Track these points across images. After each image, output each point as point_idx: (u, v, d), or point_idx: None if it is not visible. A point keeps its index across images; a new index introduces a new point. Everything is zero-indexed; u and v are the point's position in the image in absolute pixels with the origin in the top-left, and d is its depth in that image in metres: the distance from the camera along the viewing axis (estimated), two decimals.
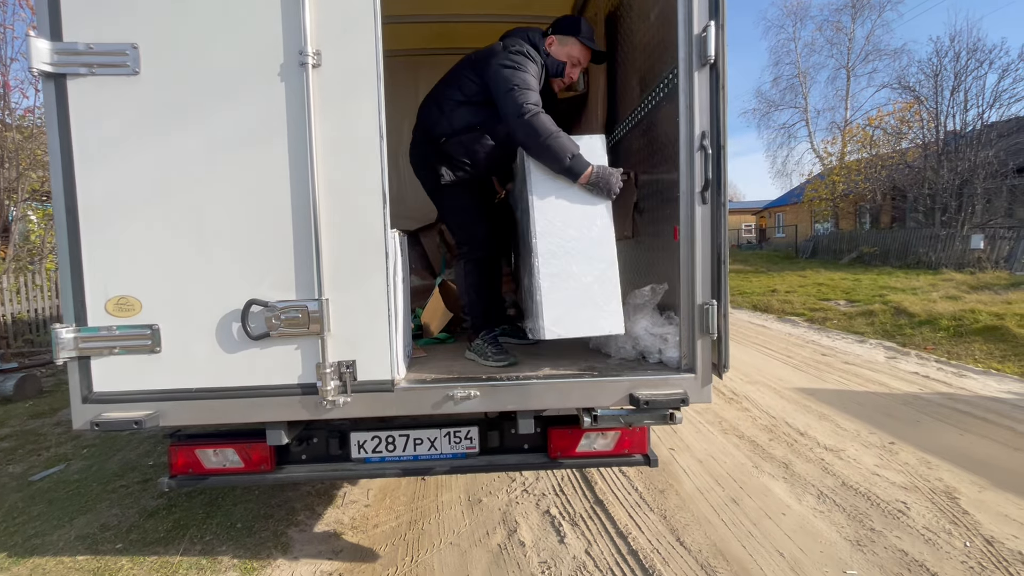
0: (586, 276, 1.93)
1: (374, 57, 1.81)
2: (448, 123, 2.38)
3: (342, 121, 1.81)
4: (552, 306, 1.90)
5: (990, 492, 2.99)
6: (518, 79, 2.15)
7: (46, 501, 3.18)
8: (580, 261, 1.94)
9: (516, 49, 2.23)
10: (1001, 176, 14.10)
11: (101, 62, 1.75)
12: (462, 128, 2.35)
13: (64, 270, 1.81)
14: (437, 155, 2.44)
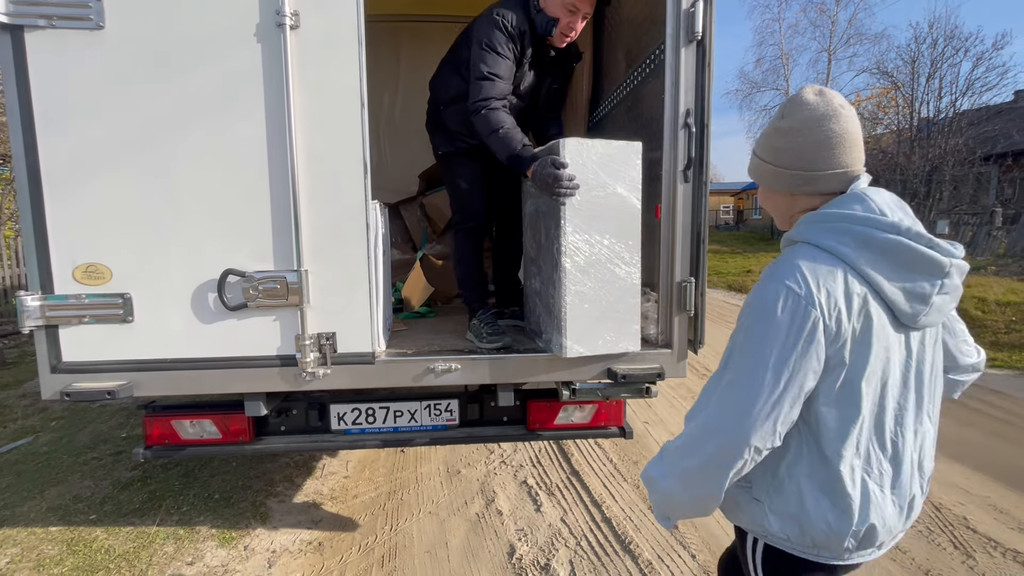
0: (609, 295, 1.84)
1: (355, 20, 1.75)
2: (445, 91, 2.30)
3: (322, 86, 1.76)
4: (575, 324, 1.82)
5: (941, 463, 3.18)
6: (486, 67, 2.01)
7: (14, 473, 3.11)
8: (606, 281, 1.83)
9: (497, 23, 2.05)
10: (969, 164, 14.53)
11: (61, 14, 1.65)
12: (457, 96, 2.24)
13: (28, 235, 1.73)
14: (435, 123, 2.38)
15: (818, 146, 0.93)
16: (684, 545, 2.41)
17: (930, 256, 0.86)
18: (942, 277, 0.87)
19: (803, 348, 0.84)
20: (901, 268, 0.86)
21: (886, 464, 0.91)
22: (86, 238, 1.75)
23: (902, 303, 0.86)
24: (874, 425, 0.90)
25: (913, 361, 0.92)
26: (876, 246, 0.86)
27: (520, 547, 2.41)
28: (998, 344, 5.75)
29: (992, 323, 6.27)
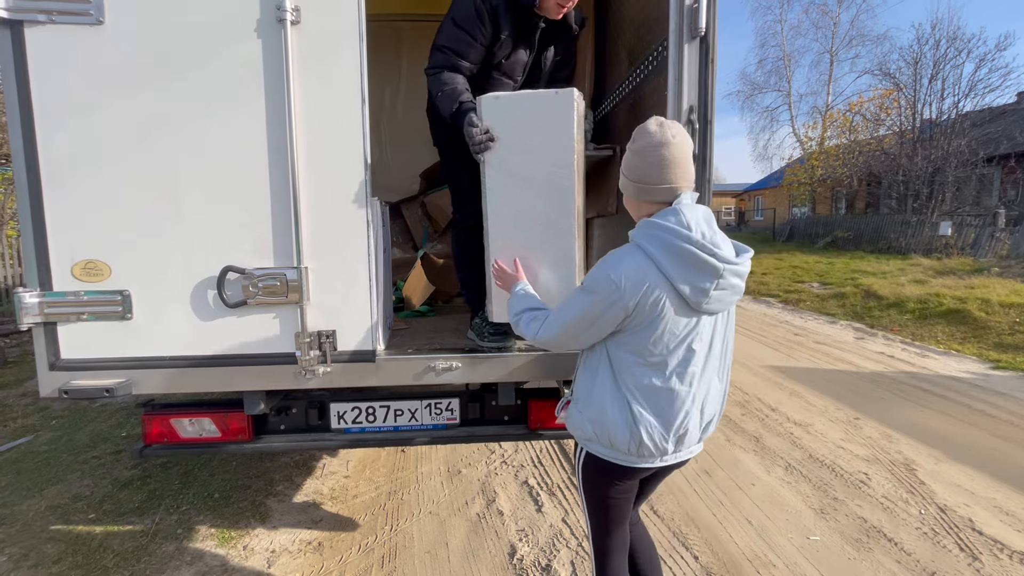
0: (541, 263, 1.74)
1: (357, 16, 1.74)
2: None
3: (322, 82, 1.74)
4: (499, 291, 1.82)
5: (945, 464, 3.16)
6: (441, 38, 1.95)
7: (14, 472, 3.10)
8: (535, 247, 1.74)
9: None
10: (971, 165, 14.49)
11: (62, 8, 1.64)
12: None
13: (27, 232, 1.72)
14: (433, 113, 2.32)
15: (653, 165, 1.25)
16: (687, 546, 2.39)
17: (710, 262, 1.19)
18: (717, 278, 1.20)
19: (604, 314, 1.24)
20: (690, 269, 1.19)
21: (663, 401, 1.27)
22: (85, 235, 1.74)
23: (689, 294, 1.20)
24: (659, 373, 1.26)
25: (702, 335, 1.27)
26: (675, 251, 1.19)
27: (521, 548, 2.39)
28: (1002, 346, 5.72)
29: (996, 324, 6.24)
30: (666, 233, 1.20)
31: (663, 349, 1.24)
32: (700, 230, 1.20)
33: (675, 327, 1.23)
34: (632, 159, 1.30)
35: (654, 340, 1.23)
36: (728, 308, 1.31)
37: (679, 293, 1.20)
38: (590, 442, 1.37)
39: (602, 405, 1.31)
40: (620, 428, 1.28)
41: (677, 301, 1.21)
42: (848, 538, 2.45)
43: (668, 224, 1.20)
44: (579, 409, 1.38)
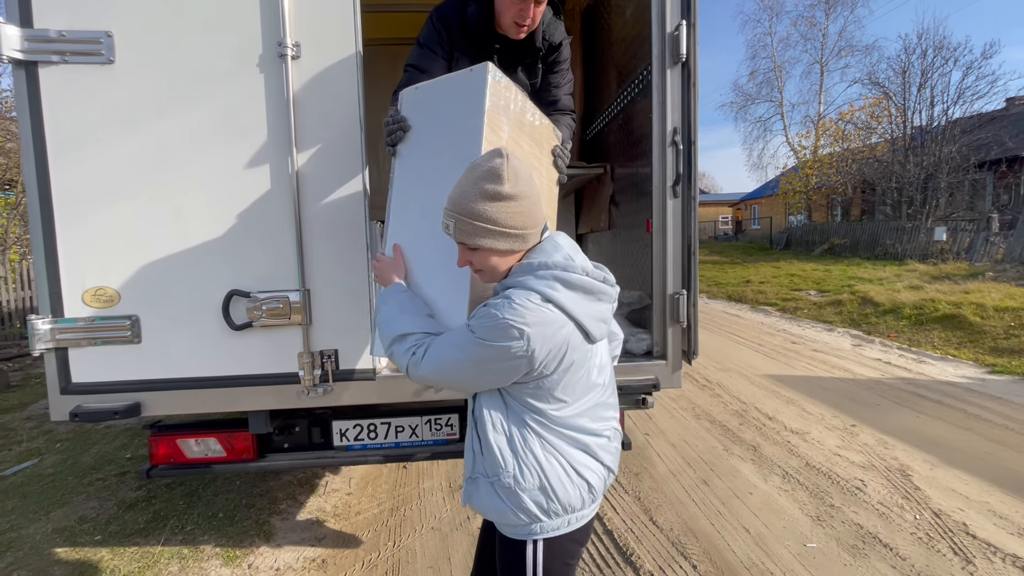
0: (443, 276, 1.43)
1: (354, 48, 1.83)
2: None
3: (322, 113, 1.83)
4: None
5: (940, 469, 3.19)
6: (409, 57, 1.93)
7: (20, 495, 3.14)
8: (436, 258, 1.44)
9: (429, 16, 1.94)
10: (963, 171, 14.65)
11: (74, 50, 1.73)
12: None
13: (39, 261, 1.79)
14: None
15: (534, 206, 1.10)
16: (685, 556, 2.42)
17: (607, 289, 1.13)
18: (611, 302, 1.15)
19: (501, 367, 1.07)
20: (592, 301, 1.10)
21: (590, 440, 1.19)
22: (95, 262, 1.81)
23: (593, 327, 1.11)
24: (578, 414, 1.16)
25: (601, 366, 1.20)
26: (576, 287, 1.08)
27: None
28: (997, 350, 5.77)
29: (991, 329, 6.29)
30: (560, 270, 1.08)
31: (572, 391, 1.13)
32: (579, 259, 1.13)
33: (581, 366, 1.12)
34: (510, 205, 1.06)
35: (563, 386, 1.11)
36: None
37: (583, 329, 1.09)
38: (540, 522, 1.15)
39: (538, 465, 1.13)
40: (568, 482, 1.14)
41: (579, 338, 1.10)
42: (844, 545, 2.48)
43: (558, 260, 1.09)
44: (508, 487, 1.14)
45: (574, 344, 1.09)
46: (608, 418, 1.24)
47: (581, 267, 1.11)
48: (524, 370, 1.07)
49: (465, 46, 1.92)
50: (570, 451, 1.16)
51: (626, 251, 2.65)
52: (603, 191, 3.00)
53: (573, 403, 1.15)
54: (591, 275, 1.11)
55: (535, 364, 1.05)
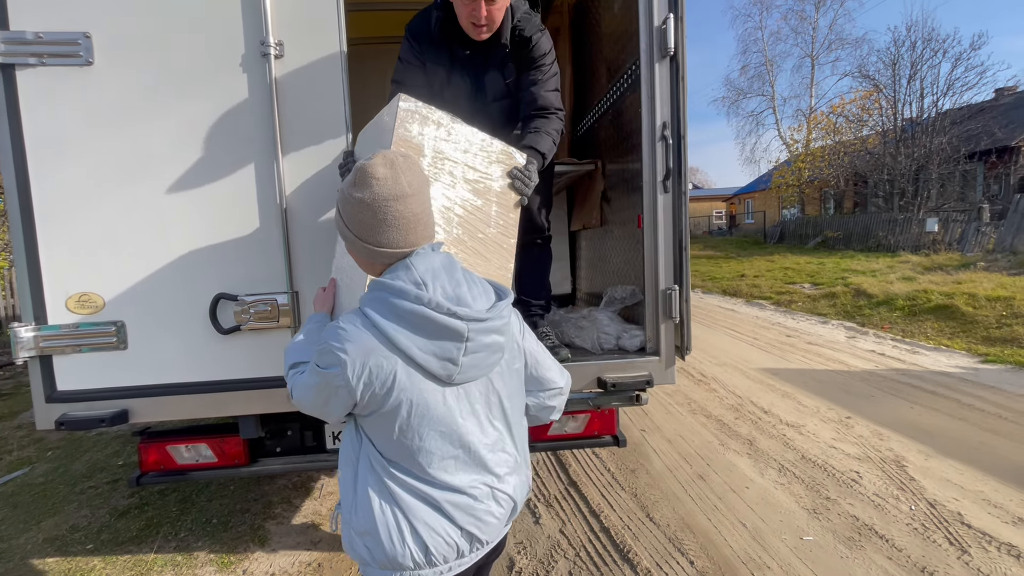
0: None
1: (338, 47, 1.80)
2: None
3: (307, 112, 1.81)
4: None
5: (935, 459, 3.20)
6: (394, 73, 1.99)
7: (10, 505, 3.10)
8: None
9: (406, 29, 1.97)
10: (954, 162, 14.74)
11: (52, 52, 1.70)
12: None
13: (20, 267, 1.76)
14: None
15: (384, 226, 0.99)
16: (682, 551, 2.41)
17: (450, 325, 0.96)
18: (463, 341, 0.97)
19: (333, 394, 0.98)
20: (429, 336, 0.96)
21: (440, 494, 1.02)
22: (78, 268, 1.78)
23: (435, 366, 0.97)
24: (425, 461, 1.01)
25: (468, 409, 1.03)
26: (406, 317, 0.95)
27: (520, 560, 2.41)
28: (990, 339, 5.80)
29: (983, 318, 6.32)
30: (393, 296, 0.96)
31: (417, 436, 0.99)
32: (439, 285, 0.98)
33: (425, 407, 0.98)
34: (356, 210, 1.00)
35: (401, 427, 0.98)
36: (491, 371, 1.06)
37: (421, 366, 0.96)
38: (368, 567, 1.05)
39: (369, 510, 1.01)
40: (396, 538, 1.00)
41: (420, 375, 0.97)
42: (841, 537, 2.48)
43: (395, 284, 0.96)
44: (347, 519, 1.07)
45: (406, 382, 0.96)
46: (486, 474, 1.06)
47: (421, 296, 0.94)
48: (348, 400, 0.97)
49: (436, 55, 1.93)
50: (411, 503, 1.01)
51: (618, 247, 2.63)
52: (595, 187, 2.99)
53: (420, 450, 0.99)
54: (435, 307, 0.94)
55: (356, 395, 0.95)
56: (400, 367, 0.95)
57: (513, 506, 1.13)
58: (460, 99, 2.02)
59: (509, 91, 2.02)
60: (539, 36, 1.92)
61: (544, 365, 1.22)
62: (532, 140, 1.85)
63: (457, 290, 1.00)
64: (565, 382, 1.27)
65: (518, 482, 1.14)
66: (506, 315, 1.05)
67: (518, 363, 1.14)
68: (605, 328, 2.21)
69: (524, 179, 1.64)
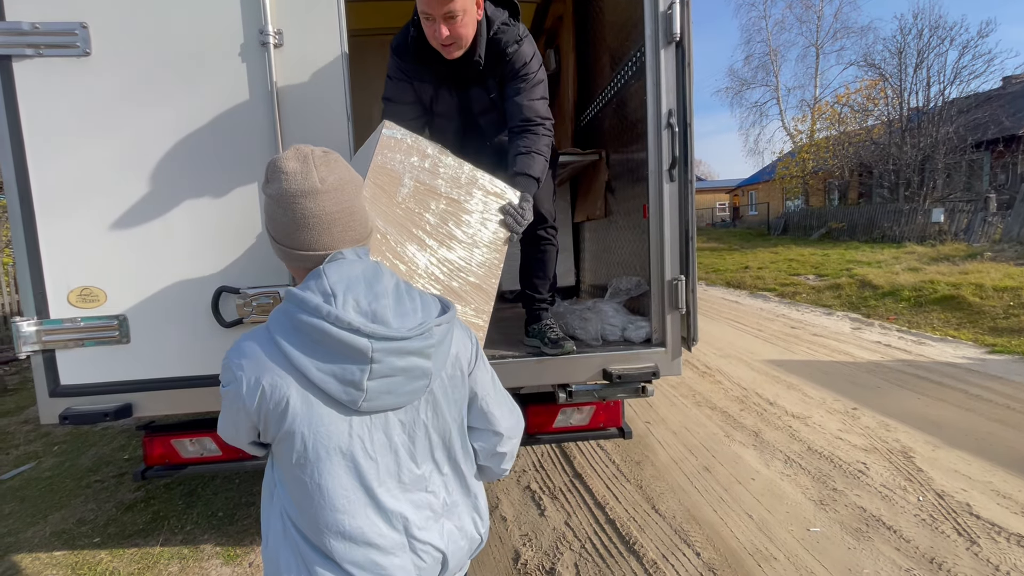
0: None
1: (338, 36, 1.78)
2: None
3: (308, 102, 1.78)
4: None
5: (943, 450, 3.18)
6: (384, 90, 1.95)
7: (18, 499, 3.11)
8: None
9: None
10: (960, 151, 14.61)
11: (49, 42, 1.68)
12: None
13: (21, 261, 1.75)
14: None
15: (295, 225, 0.89)
16: (688, 543, 2.41)
17: (350, 341, 0.82)
18: (367, 363, 0.83)
19: (236, 418, 0.88)
20: (327, 353, 0.83)
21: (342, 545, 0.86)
22: (79, 262, 1.76)
23: (335, 390, 0.83)
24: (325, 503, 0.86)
25: (374, 440, 0.88)
26: (304, 330, 0.83)
27: (525, 552, 2.41)
28: (997, 330, 5.76)
29: (990, 309, 6.28)
30: (295, 306, 0.85)
31: (316, 471, 0.85)
32: (351, 297, 0.85)
33: (325, 437, 0.85)
34: (269, 208, 0.92)
35: (298, 460, 0.85)
36: (415, 399, 0.90)
37: (320, 389, 0.83)
38: None
39: (276, 556, 0.90)
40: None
41: (320, 400, 0.84)
42: (848, 528, 2.47)
43: (300, 294, 0.85)
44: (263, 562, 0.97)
45: (300, 407, 0.83)
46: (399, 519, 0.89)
47: (320, 308, 0.82)
48: (247, 423, 0.87)
49: (420, 71, 1.86)
50: (312, 556, 0.87)
51: (623, 238, 2.61)
52: (599, 178, 2.96)
53: (319, 489, 0.86)
54: (334, 320, 0.81)
55: (253, 417, 0.85)
56: (295, 389, 0.83)
57: (442, 559, 0.95)
58: (451, 113, 1.99)
59: (495, 104, 1.96)
60: (516, 48, 1.81)
61: (494, 402, 1.05)
62: (523, 165, 1.77)
63: (375, 304, 0.85)
64: (509, 425, 1.06)
65: (450, 529, 0.96)
66: (436, 337, 0.89)
67: (458, 394, 0.97)
68: (610, 319, 2.19)
69: (517, 217, 1.59)
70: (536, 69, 1.87)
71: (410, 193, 1.44)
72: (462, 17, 1.62)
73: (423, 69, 1.85)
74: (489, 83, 1.89)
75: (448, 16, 1.60)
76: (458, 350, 0.97)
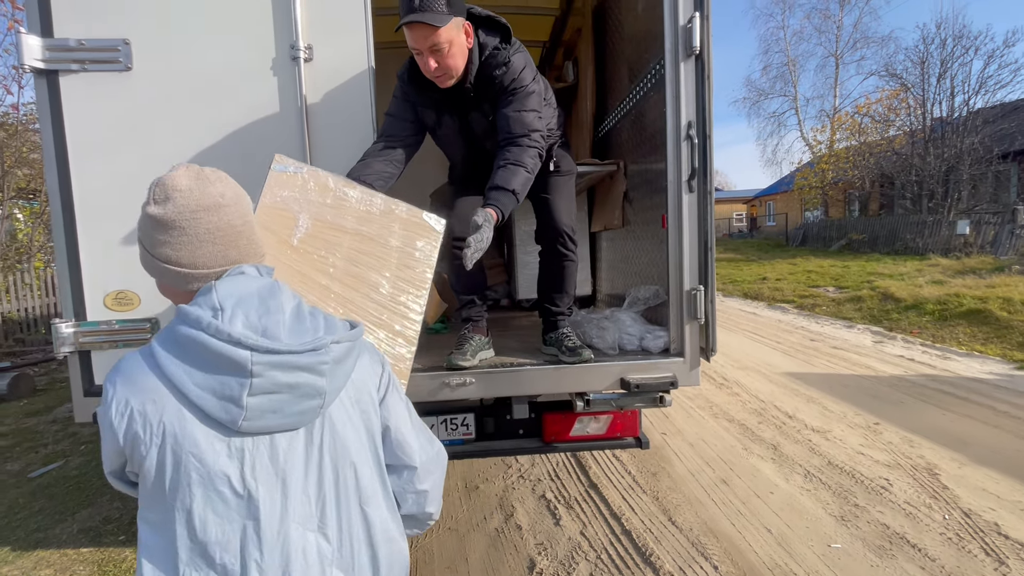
0: None
1: (366, 51, 1.84)
2: None
3: (335, 114, 1.84)
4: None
5: (969, 468, 3.10)
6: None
7: (46, 496, 3.21)
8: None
9: None
10: (986, 162, 14.29)
11: (93, 58, 1.77)
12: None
13: (62, 266, 1.83)
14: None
15: (199, 241, 0.84)
16: (706, 556, 2.38)
17: (228, 353, 0.75)
18: (247, 376, 0.75)
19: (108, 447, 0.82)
20: (208, 367, 0.76)
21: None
22: (116, 267, 1.84)
23: (213, 406, 0.76)
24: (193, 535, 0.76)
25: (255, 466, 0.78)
26: (183, 343, 0.77)
27: (540, 561, 2.41)
28: None
29: (1019, 324, 6.11)
30: (179, 321, 0.79)
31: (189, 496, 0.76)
32: (241, 312, 0.79)
33: (201, 461, 0.76)
34: (159, 233, 0.84)
35: (170, 484, 0.76)
36: (307, 421, 0.81)
37: (196, 406, 0.76)
38: None
39: None
40: None
41: (199, 418, 0.77)
42: (871, 545, 2.42)
43: (185, 309, 0.79)
44: None
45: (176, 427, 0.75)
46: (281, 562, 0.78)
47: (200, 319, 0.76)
48: (114, 447, 0.79)
49: (420, 97, 1.89)
50: None
51: (641, 248, 2.62)
52: (616, 188, 2.97)
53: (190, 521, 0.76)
54: (214, 331, 0.75)
55: (120, 442, 0.77)
56: (169, 410, 0.76)
57: None
58: (454, 137, 2.01)
59: (495, 127, 1.94)
60: (504, 69, 1.80)
61: (408, 432, 0.95)
62: (499, 178, 1.73)
63: (266, 319, 0.80)
64: (426, 458, 0.97)
65: None
66: (333, 355, 0.81)
67: (367, 423, 0.89)
68: (628, 329, 2.19)
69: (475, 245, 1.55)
70: (528, 82, 1.85)
71: (308, 234, 1.30)
72: (448, 48, 1.65)
73: (424, 94, 1.88)
74: (484, 107, 1.89)
75: (434, 49, 1.64)
76: (365, 375, 0.90)
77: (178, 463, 0.75)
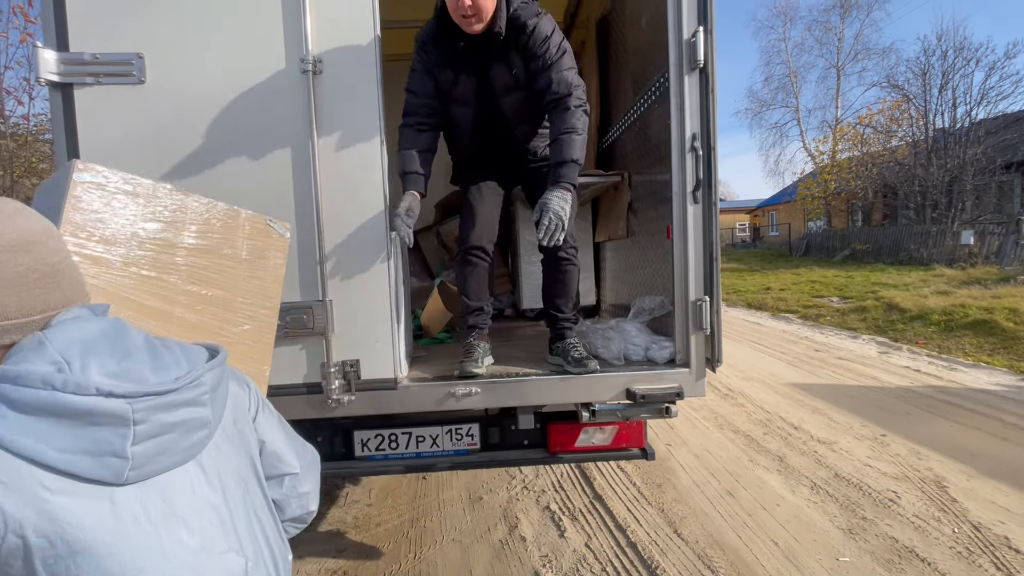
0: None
1: (374, 63, 1.86)
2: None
3: (344, 126, 1.87)
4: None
5: (978, 480, 3.07)
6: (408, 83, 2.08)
7: None
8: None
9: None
10: (990, 172, 14.29)
11: (107, 71, 1.80)
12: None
13: None
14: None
15: (6, 287, 0.69)
16: (712, 569, 2.36)
17: (99, 409, 0.65)
18: (129, 426, 0.67)
19: None
20: (74, 429, 0.65)
21: None
22: None
23: (89, 467, 0.65)
24: None
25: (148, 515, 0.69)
26: (30, 412, 0.63)
27: (545, 574, 2.39)
28: None
29: None
30: (9, 385, 0.64)
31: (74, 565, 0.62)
32: (92, 360, 0.69)
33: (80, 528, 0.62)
34: None
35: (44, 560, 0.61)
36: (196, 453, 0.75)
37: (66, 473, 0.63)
38: None
39: None
40: None
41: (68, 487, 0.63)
42: (879, 558, 2.39)
43: (15, 369, 0.65)
44: None
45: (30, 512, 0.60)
46: None
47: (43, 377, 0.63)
48: None
49: (440, 56, 1.98)
50: None
51: (646, 258, 2.63)
52: (620, 199, 2.99)
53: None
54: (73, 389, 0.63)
55: None
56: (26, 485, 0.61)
57: None
58: (469, 97, 2.07)
59: (518, 83, 2.00)
60: (535, 20, 1.89)
61: (283, 442, 0.96)
62: (558, 153, 1.86)
63: (125, 362, 0.71)
64: (304, 463, 0.98)
65: None
66: (209, 383, 0.76)
67: (240, 439, 0.86)
68: (633, 339, 2.19)
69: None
70: (559, 40, 1.94)
71: (136, 255, 1.14)
72: None
73: (443, 51, 1.94)
74: (511, 58, 1.95)
75: None
76: (236, 395, 0.88)
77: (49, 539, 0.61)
